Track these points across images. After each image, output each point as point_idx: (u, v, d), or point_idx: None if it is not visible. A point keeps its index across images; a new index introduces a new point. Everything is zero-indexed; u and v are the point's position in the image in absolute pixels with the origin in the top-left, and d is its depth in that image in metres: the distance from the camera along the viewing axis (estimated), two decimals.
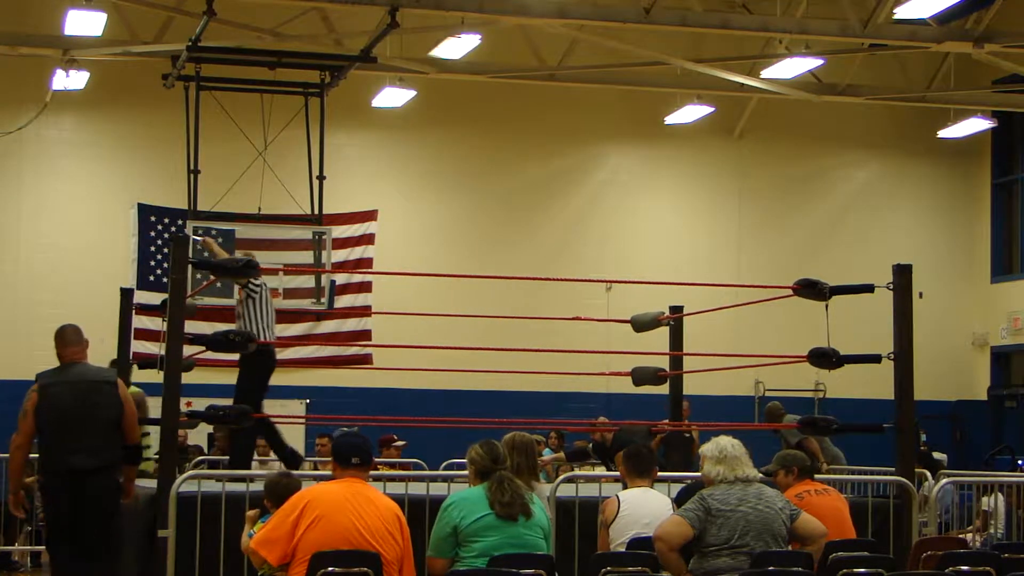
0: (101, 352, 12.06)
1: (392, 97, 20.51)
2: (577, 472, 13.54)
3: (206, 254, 12.29)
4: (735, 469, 7.53)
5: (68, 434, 8.94)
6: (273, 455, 13.38)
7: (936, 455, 18.60)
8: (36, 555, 15.22)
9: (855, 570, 7.87)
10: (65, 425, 8.94)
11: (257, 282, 11.41)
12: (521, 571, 7.10)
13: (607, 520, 8.25)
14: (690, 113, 21.61)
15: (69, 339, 9.25)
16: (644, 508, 8.21)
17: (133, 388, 10.89)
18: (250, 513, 7.84)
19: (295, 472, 9.61)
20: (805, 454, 10.17)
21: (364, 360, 20.59)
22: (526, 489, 7.53)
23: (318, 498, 7.00)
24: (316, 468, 14.42)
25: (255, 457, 16.14)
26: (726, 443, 7.64)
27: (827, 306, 10.36)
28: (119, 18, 18.62)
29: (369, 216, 21.22)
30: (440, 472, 11.55)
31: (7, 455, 9.28)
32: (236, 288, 11.53)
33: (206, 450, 17.65)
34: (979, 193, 24.30)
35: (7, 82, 20.15)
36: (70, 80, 18.61)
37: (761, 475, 7.81)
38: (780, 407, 16.11)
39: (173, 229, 19.74)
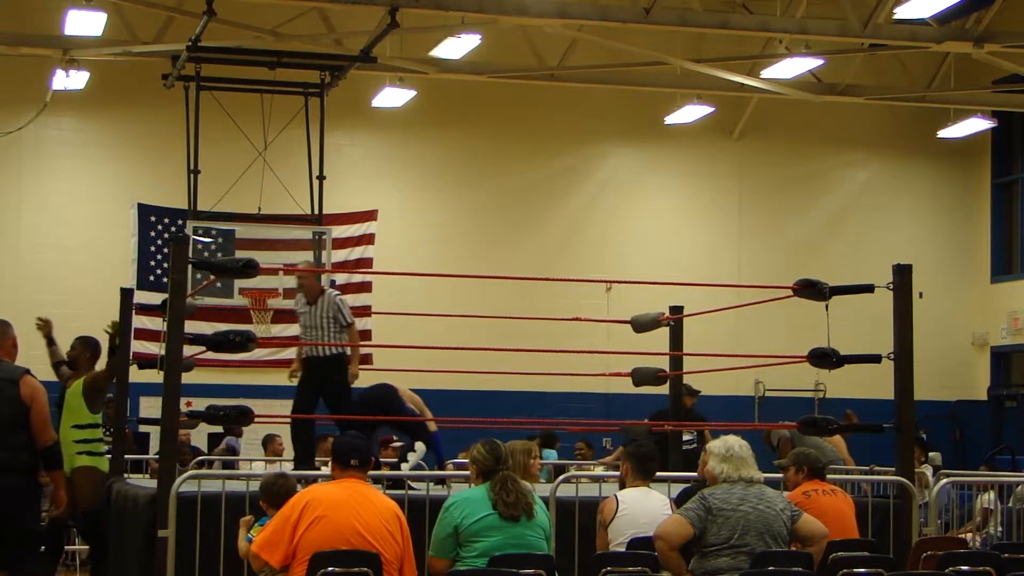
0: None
1: (392, 97, 20.52)
2: (577, 472, 13.53)
3: None
4: (740, 469, 7.54)
5: None
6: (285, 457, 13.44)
7: (931, 455, 18.59)
8: None
9: (855, 570, 7.88)
10: None
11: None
12: (521, 571, 7.10)
13: (605, 520, 8.24)
14: (690, 113, 21.61)
15: None
16: (642, 508, 8.19)
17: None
18: (244, 519, 7.81)
19: (292, 472, 9.62)
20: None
21: (364, 360, 20.53)
22: (529, 489, 7.52)
23: (317, 498, 6.99)
24: (318, 468, 14.41)
25: (263, 457, 16.21)
26: (734, 442, 7.66)
27: (827, 306, 10.35)
28: (119, 18, 18.62)
29: (369, 216, 21.22)
30: (440, 472, 11.53)
31: None
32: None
33: (206, 450, 17.66)
34: (979, 193, 24.30)
35: (7, 82, 20.16)
36: (70, 80, 18.60)
37: (765, 477, 7.80)
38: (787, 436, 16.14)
39: (173, 229, 19.74)
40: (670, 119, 21.95)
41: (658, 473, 8.75)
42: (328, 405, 11.78)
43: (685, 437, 14.14)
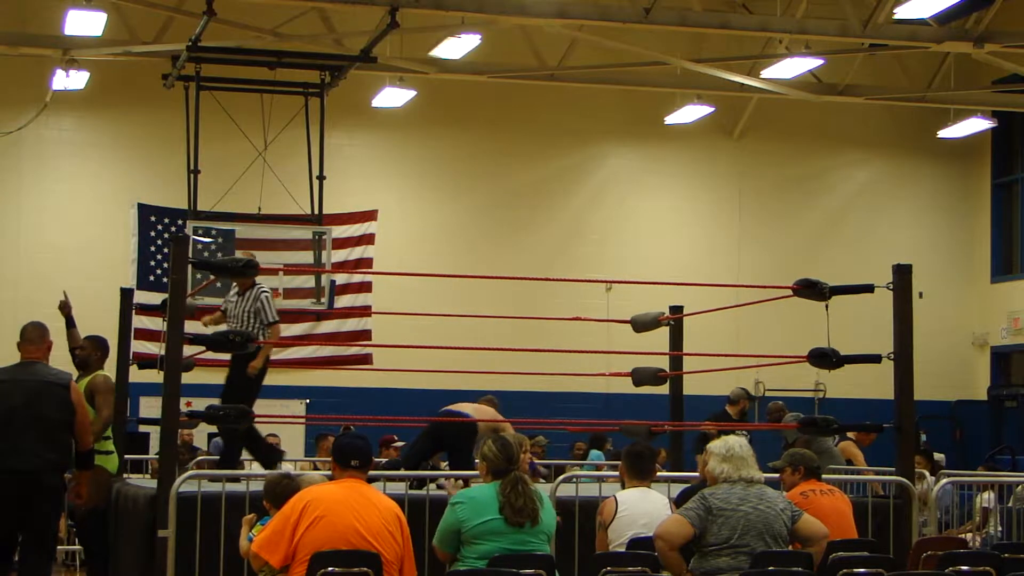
0: None
1: (392, 97, 20.52)
2: (578, 472, 13.52)
3: None
4: (740, 469, 7.52)
5: (11, 434, 8.92)
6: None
7: (936, 455, 18.60)
8: None
9: (855, 570, 7.86)
10: (10, 424, 8.94)
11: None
12: (521, 571, 7.08)
13: (605, 521, 8.22)
14: (690, 113, 21.61)
15: (27, 337, 9.26)
16: (642, 508, 8.17)
17: (100, 373, 10.90)
18: (247, 517, 7.80)
19: (294, 472, 9.60)
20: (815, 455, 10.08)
21: (364, 360, 20.58)
22: (536, 491, 7.45)
23: (318, 498, 6.98)
24: (316, 468, 14.42)
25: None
26: (734, 442, 7.64)
27: (827, 306, 10.35)
28: (119, 18, 18.63)
29: (369, 216, 21.22)
30: (440, 472, 11.52)
31: None
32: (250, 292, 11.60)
33: (207, 450, 17.65)
34: (979, 193, 24.30)
35: (7, 82, 20.16)
36: (70, 80, 18.61)
37: (765, 477, 7.79)
38: (781, 406, 16.04)
39: (173, 229, 19.74)
40: (670, 119, 21.95)
41: (658, 473, 8.73)
42: (222, 393, 11.65)
43: None
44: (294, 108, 17.87)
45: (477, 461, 7.78)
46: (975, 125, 21.77)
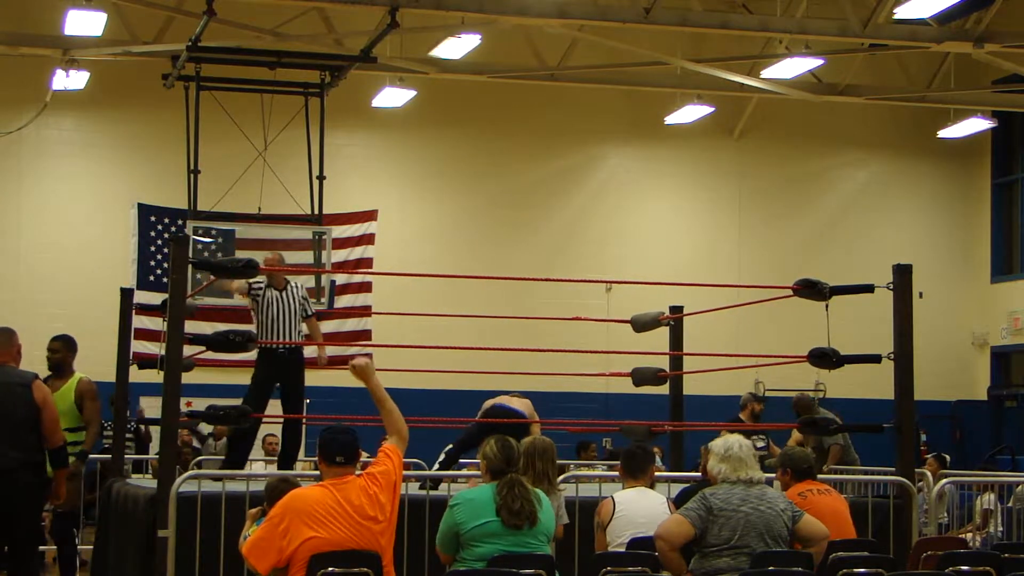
0: (101, 352, 12.08)
1: (392, 97, 20.52)
2: (577, 472, 13.52)
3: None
4: (738, 470, 7.50)
5: None
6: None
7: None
8: None
9: (855, 570, 7.85)
10: None
11: (257, 284, 11.52)
12: (521, 571, 7.07)
13: (603, 522, 8.20)
14: (690, 113, 21.62)
15: None
16: (640, 508, 8.15)
17: (83, 377, 10.89)
18: (251, 511, 7.77)
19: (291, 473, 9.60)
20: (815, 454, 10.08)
21: None
22: (534, 493, 7.42)
23: (303, 511, 6.79)
24: (317, 468, 14.41)
25: (262, 457, 16.24)
26: (734, 442, 7.62)
27: (827, 306, 10.34)
28: (119, 18, 18.62)
29: (369, 216, 21.23)
30: (440, 472, 11.51)
31: None
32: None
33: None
34: (979, 193, 24.31)
35: (7, 82, 20.16)
36: (70, 80, 18.62)
37: (765, 476, 7.78)
38: (811, 399, 16.00)
39: (173, 229, 19.74)
40: (670, 119, 21.96)
41: (658, 473, 8.72)
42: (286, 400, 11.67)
43: (758, 444, 14.12)
44: (294, 108, 17.87)
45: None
46: (975, 125, 21.79)
